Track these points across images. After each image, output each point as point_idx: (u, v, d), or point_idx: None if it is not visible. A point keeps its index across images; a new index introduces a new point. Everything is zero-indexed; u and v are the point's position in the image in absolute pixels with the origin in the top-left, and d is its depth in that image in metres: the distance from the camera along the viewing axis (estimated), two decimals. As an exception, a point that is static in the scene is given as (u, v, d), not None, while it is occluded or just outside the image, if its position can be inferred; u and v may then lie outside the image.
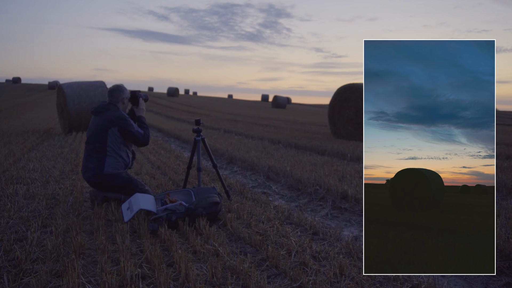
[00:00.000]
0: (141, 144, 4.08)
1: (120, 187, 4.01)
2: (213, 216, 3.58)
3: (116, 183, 3.98)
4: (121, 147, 4.03)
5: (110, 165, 3.96)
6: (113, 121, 3.97)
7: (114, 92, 4.12)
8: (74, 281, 2.31)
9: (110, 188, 4.02)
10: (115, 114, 4.01)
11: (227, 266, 2.64)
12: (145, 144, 4.11)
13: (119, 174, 3.99)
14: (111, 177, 3.95)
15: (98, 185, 4.02)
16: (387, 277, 2.51)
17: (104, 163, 3.94)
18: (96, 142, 4.00)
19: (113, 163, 3.97)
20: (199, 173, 4.32)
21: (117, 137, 3.97)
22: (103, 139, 3.95)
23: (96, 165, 3.96)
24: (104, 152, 3.96)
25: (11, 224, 3.39)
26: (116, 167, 3.98)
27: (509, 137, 11.77)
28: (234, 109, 31.98)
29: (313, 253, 2.89)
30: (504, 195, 4.74)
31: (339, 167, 6.27)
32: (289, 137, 10.52)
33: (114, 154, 3.98)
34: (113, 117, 3.99)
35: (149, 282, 2.44)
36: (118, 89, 4.14)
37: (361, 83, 10.44)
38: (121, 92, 4.13)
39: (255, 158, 6.87)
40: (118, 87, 4.16)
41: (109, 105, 4.09)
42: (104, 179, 3.95)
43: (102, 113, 4.04)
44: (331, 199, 4.51)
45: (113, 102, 4.12)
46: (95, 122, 4.07)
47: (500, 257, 2.81)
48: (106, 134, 3.95)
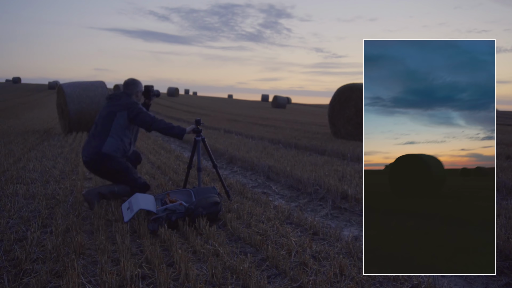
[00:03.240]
0: (151, 124, 4.03)
1: (116, 171, 4.02)
2: (213, 216, 3.58)
3: (112, 165, 3.98)
4: (125, 132, 4.06)
5: (110, 144, 3.97)
6: (123, 106, 4.05)
7: (129, 85, 4.21)
8: (74, 281, 2.31)
9: (105, 171, 4.01)
10: (128, 101, 4.10)
11: (227, 266, 2.64)
12: (153, 123, 4.03)
13: (116, 157, 4.00)
14: (109, 157, 3.96)
15: (94, 165, 4.02)
16: (387, 277, 2.51)
17: (105, 142, 3.97)
18: (102, 125, 4.05)
19: (113, 143, 3.99)
20: (199, 173, 4.32)
21: (123, 121, 4.02)
22: (110, 121, 4.02)
23: (97, 143, 3.99)
24: (107, 133, 4.00)
25: (11, 224, 3.39)
26: (115, 149, 3.99)
27: (509, 137, 11.76)
28: (234, 109, 31.98)
29: (313, 253, 2.89)
30: (504, 195, 4.73)
31: (339, 167, 6.27)
32: (289, 137, 10.52)
33: (116, 136, 4.01)
34: (125, 102, 4.08)
35: (149, 282, 2.44)
36: (132, 83, 4.23)
37: (361, 83, 10.44)
38: (136, 86, 4.22)
39: (255, 158, 6.87)
40: (133, 80, 4.24)
41: (123, 94, 4.19)
42: (101, 157, 3.95)
43: (115, 100, 4.14)
44: (331, 199, 4.51)
45: (128, 94, 4.20)
46: (106, 107, 4.15)
47: (500, 257, 2.81)
48: (114, 117, 4.02)
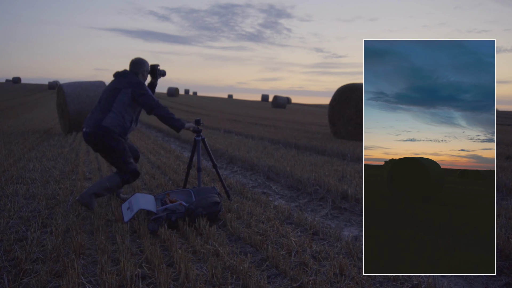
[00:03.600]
0: (153, 108, 4.02)
1: (111, 149, 3.97)
2: (213, 216, 3.58)
3: (110, 142, 3.94)
4: (127, 110, 4.03)
5: (110, 119, 3.95)
6: (128, 83, 4.04)
7: (136, 64, 4.20)
8: (74, 281, 2.31)
9: (102, 147, 3.98)
10: (133, 79, 4.10)
11: (227, 266, 2.64)
12: (156, 108, 4.03)
13: (115, 133, 3.96)
14: (108, 131, 3.91)
15: (93, 138, 3.96)
16: (387, 277, 2.51)
17: (106, 116, 3.95)
18: (105, 100, 4.04)
19: (113, 118, 3.96)
20: (199, 173, 4.32)
21: (126, 98, 4.00)
22: (113, 97, 4.00)
23: (98, 117, 3.98)
24: (109, 108, 3.99)
25: (11, 224, 3.39)
26: (115, 125, 3.96)
27: (509, 137, 11.76)
28: (234, 109, 31.98)
29: (313, 253, 2.89)
30: (504, 195, 4.73)
31: (339, 167, 6.27)
32: (289, 137, 10.52)
33: (117, 112, 3.98)
34: (130, 80, 4.08)
35: (149, 282, 2.44)
36: (139, 62, 4.22)
37: (361, 83, 10.44)
38: (142, 65, 4.21)
39: (255, 158, 6.87)
40: (139, 59, 4.23)
41: (129, 72, 4.19)
42: (101, 131, 3.91)
43: (121, 77, 4.14)
44: (331, 199, 4.51)
45: (134, 72, 4.20)
46: (112, 83, 4.15)
47: (500, 257, 2.81)
48: (118, 93, 4.00)
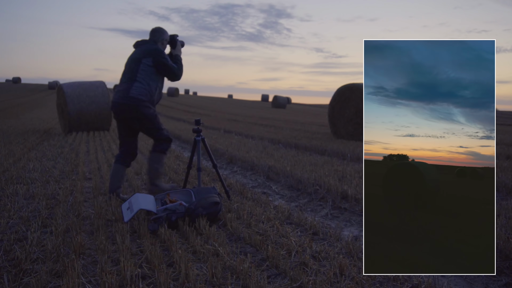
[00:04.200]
0: (173, 75, 4.21)
1: (144, 116, 4.09)
2: (213, 216, 3.58)
3: (142, 110, 4.07)
4: (152, 77, 4.13)
5: (137, 89, 4.06)
6: (148, 52, 4.13)
7: (156, 32, 4.29)
8: (74, 281, 2.31)
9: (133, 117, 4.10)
10: (152, 47, 4.19)
11: (227, 266, 2.64)
12: (177, 76, 4.23)
13: (144, 101, 4.08)
14: (137, 100, 4.04)
15: (123, 109, 4.10)
16: (387, 277, 2.51)
17: (132, 87, 4.07)
18: (128, 71, 4.15)
19: (140, 88, 4.07)
20: (199, 173, 4.32)
21: (149, 67, 4.10)
22: (136, 68, 4.10)
23: (124, 88, 4.10)
24: (134, 78, 4.09)
25: (11, 224, 3.39)
26: (142, 93, 4.07)
27: (509, 137, 11.76)
28: (234, 109, 31.98)
29: (313, 253, 2.89)
30: (504, 195, 4.73)
31: (339, 167, 6.27)
32: (289, 137, 10.52)
33: (142, 81, 4.09)
34: (150, 49, 4.16)
35: (149, 282, 2.44)
36: (159, 30, 4.31)
37: (361, 83, 10.44)
38: (162, 34, 4.29)
39: (255, 158, 6.87)
40: (159, 28, 4.33)
41: (148, 41, 4.29)
42: (130, 101, 4.04)
43: (141, 46, 4.24)
44: (331, 199, 4.51)
45: (154, 41, 4.29)
46: (132, 54, 4.24)
47: (500, 257, 2.81)
48: (139, 63, 4.10)
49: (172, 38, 4.36)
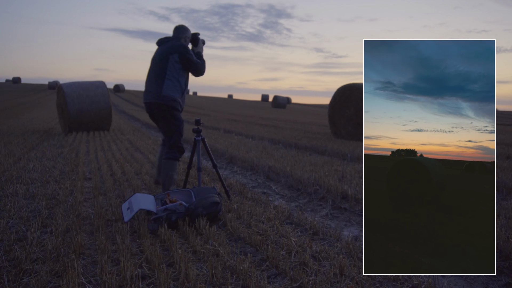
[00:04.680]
0: (198, 71, 4.36)
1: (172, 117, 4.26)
2: (213, 216, 3.58)
3: (173, 112, 4.24)
4: (180, 73, 4.28)
5: (168, 87, 4.21)
6: (174, 48, 4.26)
7: (179, 29, 4.46)
8: (74, 281, 2.31)
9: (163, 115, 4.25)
10: (177, 43, 4.33)
11: (227, 266, 2.64)
12: (201, 72, 4.39)
13: (176, 101, 4.24)
14: (169, 99, 4.20)
15: (156, 107, 4.24)
16: (387, 277, 2.51)
17: (163, 85, 4.22)
18: (157, 69, 4.28)
19: (171, 85, 4.22)
20: (199, 173, 4.32)
21: (176, 63, 4.24)
22: (164, 65, 4.23)
23: (156, 87, 4.24)
24: (163, 76, 4.23)
25: (11, 224, 3.39)
26: (173, 90, 4.23)
27: (509, 137, 11.76)
28: (234, 109, 31.98)
29: (313, 253, 2.89)
30: (504, 195, 4.73)
31: (339, 167, 6.26)
32: (289, 137, 10.52)
33: (172, 78, 4.23)
34: (175, 45, 4.30)
35: (149, 282, 2.44)
36: (182, 28, 4.48)
37: (361, 83, 10.44)
38: (185, 31, 4.46)
39: (255, 158, 6.87)
40: (182, 26, 4.49)
41: (172, 38, 4.44)
42: (163, 100, 4.20)
43: (165, 43, 4.38)
44: (331, 199, 4.51)
45: (177, 37, 4.43)
46: (158, 51, 4.37)
47: (500, 257, 2.81)
48: (167, 60, 4.23)
49: (194, 36, 4.50)
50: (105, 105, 11.88)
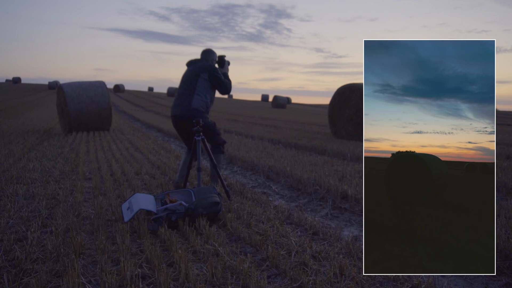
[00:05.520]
0: (225, 89, 4.78)
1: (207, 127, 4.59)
2: (213, 216, 3.58)
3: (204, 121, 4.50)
4: (208, 91, 4.70)
5: (197, 101, 4.59)
6: (204, 68, 4.71)
7: (207, 53, 4.91)
8: (74, 281, 2.31)
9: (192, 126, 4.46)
10: (207, 64, 4.79)
11: (227, 266, 2.64)
12: (228, 90, 4.81)
13: (204, 112, 4.62)
14: (197, 112, 4.56)
15: (184, 119, 4.56)
16: (387, 277, 2.51)
17: (192, 99, 4.60)
18: (187, 86, 4.68)
19: (199, 100, 4.60)
20: (199, 173, 4.32)
21: (205, 81, 4.67)
22: (194, 82, 4.65)
23: (186, 101, 4.61)
24: (193, 91, 4.62)
25: (11, 224, 3.39)
26: (201, 105, 4.61)
27: (509, 137, 11.76)
28: (234, 109, 31.97)
29: (313, 253, 2.89)
30: (504, 195, 4.73)
31: (339, 167, 6.27)
32: (289, 137, 10.52)
33: (201, 94, 4.63)
34: (205, 65, 4.76)
35: (149, 282, 2.44)
36: (209, 51, 4.92)
37: (361, 83, 10.44)
38: (212, 54, 4.91)
39: (255, 158, 6.87)
40: (210, 49, 4.94)
41: (201, 60, 4.89)
42: (191, 112, 4.54)
43: (196, 64, 4.82)
44: (331, 199, 4.51)
45: (206, 59, 4.87)
46: (189, 70, 4.80)
47: (500, 257, 2.81)
48: (197, 77, 4.66)
49: (221, 58, 4.92)
50: (105, 105, 11.88)
